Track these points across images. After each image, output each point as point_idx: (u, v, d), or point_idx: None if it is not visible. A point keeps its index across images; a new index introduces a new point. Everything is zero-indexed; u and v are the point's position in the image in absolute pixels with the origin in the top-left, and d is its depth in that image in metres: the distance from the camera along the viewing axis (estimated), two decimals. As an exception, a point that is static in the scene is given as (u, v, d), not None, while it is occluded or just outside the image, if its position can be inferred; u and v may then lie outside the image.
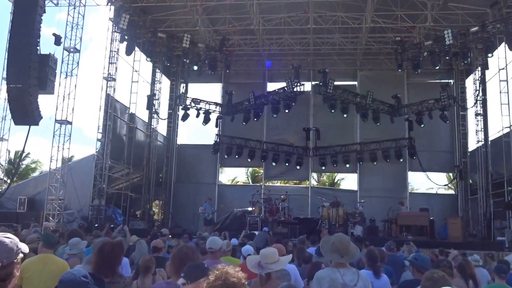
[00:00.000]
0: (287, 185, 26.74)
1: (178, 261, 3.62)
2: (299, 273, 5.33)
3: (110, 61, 17.92)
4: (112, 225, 15.16)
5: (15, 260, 2.05)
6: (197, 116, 21.00)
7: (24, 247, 2.13)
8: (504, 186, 17.46)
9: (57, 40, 15.95)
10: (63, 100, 16.15)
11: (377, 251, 5.92)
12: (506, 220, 16.92)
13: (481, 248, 13.58)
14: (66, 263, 4.89)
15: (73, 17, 16.48)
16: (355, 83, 22.98)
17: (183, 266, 3.37)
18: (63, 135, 16.21)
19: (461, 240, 15.66)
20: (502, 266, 5.99)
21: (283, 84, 20.44)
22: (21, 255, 2.09)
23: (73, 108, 16.25)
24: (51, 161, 16.23)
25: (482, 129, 20.22)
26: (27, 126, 15.76)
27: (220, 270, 2.31)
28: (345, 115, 20.25)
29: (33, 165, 31.23)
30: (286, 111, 20.20)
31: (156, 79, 22.39)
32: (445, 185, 23.76)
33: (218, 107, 22.07)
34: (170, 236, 11.64)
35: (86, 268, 3.85)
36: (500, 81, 18.79)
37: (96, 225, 15.82)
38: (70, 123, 16.31)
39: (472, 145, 21.56)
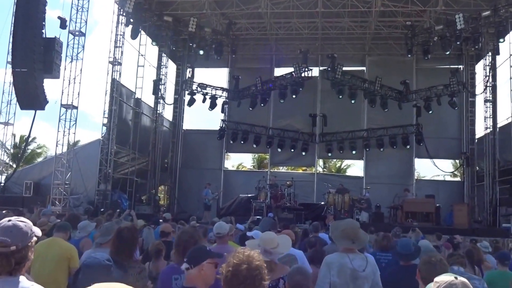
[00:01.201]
0: (293, 171, 26.68)
1: (182, 245, 3.68)
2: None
3: (116, 45, 17.78)
4: (118, 210, 15.26)
5: (29, 244, 2.05)
6: (203, 101, 20.91)
7: (38, 231, 2.12)
8: (511, 173, 17.36)
9: (63, 23, 15.80)
10: (69, 84, 16.07)
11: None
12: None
13: (487, 235, 13.58)
14: (73, 248, 4.92)
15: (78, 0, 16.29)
16: (364, 68, 22.72)
17: (188, 250, 3.38)
18: (69, 120, 16.20)
19: (466, 227, 15.70)
20: (504, 253, 6.10)
21: (291, 69, 20.25)
22: (35, 238, 2.09)
23: (78, 93, 16.20)
24: (56, 146, 16.25)
25: (491, 116, 19.99)
26: (33, 111, 15.75)
27: (242, 253, 2.23)
28: (352, 101, 20.08)
29: (39, 150, 31.33)
30: (293, 96, 20.06)
31: (162, 63, 22.23)
32: (451, 172, 23.64)
33: (224, 92, 21.94)
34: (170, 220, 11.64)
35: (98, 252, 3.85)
36: (511, 67, 18.51)
37: (102, 209, 15.88)
38: (76, 107, 16.27)
39: (480, 131, 21.40)
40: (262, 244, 3.61)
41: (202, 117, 36.75)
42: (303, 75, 19.87)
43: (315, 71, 21.77)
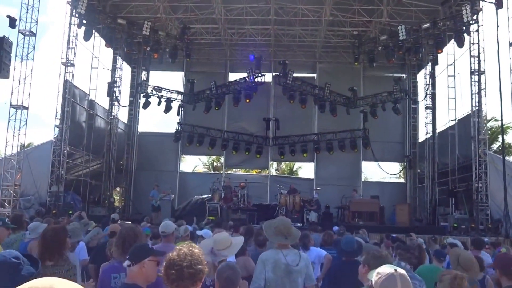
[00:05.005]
0: (247, 173, 27.19)
1: (122, 239, 3.81)
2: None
3: (68, 46, 17.60)
4: (70, 211, 15.21)
5: None
6: (159, 104, 21.04)
7: None
8: (449, 175, 18.69)
9: (12, 22, 15.52)
10: (19, 84, 15.83)
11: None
12: (449, 207, 18.12)
13: (426, 232, 14.56)
14: None
15: (29, -1, 16.09)
16: (314, 75, 23.58)
17: (127, 246, 3.59)
18: (19, 120, 15.95)
19: (407, 225, 16.68)
20: (441, 251, 6.28)
21: (245, 74, 20.79)
22: None
23: (29, 93, 15.99)
24: (6, 147, 16.01)
25: (431, 122, 21.38)
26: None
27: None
28: (303, 106, 20.89)
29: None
30: (247, 101, 20.62)
31: (117, 66, 22.19)
32: (395, 174, 24.92)
33: (179, 95, 22.15)
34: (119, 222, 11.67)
35: None
36: (448, 76, 19.93)
37: (54, 211, 15.78)
38: (26, 108, 16.03)
39: (421, 136, 22.76)
40: (214, 245, 3.84)
41: (158, 120, 36.61)
42: (256, 80, 20.48)
43: (268, 77, 22.44)
